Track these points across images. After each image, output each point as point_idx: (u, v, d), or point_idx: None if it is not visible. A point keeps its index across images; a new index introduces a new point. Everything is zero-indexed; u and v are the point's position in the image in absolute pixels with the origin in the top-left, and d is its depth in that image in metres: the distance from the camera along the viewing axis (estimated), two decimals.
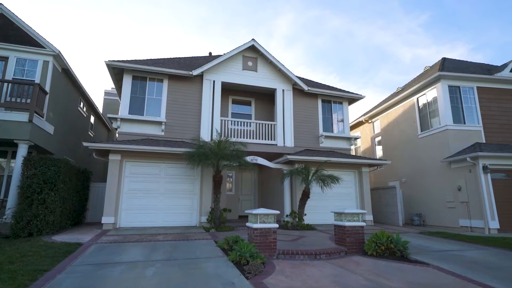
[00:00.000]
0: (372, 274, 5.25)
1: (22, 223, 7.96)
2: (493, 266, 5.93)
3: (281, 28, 65.45)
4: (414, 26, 63.13)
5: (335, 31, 62.37)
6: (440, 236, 9.40)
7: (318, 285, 4.60)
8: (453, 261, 6.24)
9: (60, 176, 8.60)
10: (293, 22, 62.39)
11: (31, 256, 5.81)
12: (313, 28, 63.98)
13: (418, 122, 13.82)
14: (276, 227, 6.60)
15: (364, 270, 5.52)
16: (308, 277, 5.01)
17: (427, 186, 13.13)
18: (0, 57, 10.53)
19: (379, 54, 67.62)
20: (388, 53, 66.40)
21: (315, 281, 4.80)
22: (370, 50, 67.10)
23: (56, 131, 11.70)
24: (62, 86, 12.13)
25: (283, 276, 5.01)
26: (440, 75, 12.37)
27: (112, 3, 66.37)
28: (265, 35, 70.96)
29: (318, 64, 71.85)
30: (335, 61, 69.95)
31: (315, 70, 73.51)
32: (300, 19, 61.21)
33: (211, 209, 10.30)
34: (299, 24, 63.32)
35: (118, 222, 9.88)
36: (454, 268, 5.60)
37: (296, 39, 66.88)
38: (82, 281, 4.56)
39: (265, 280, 4.77)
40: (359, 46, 65.82)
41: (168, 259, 5.90)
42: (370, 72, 70.38)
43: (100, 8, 68.40)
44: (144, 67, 11.70)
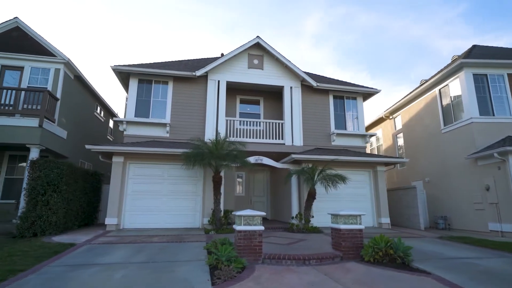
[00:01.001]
0: (357, 283, 4.69)
1: (27, 224, 8.30)
2: (508, 277, 5.07)
3: (309, 28, 64.14)
4: (452, 17, 58.95)
5: (365, 27, 59.97)
6: (461, 242, 8.39)
7: None
8: (462, 270, 5.44)
9: (63, 178, 8.87)
10: (321, 21, 60.90)
11: (18, 256, 5.95)
12: (341, 26, 62.01)
13: (441, 115, 12.62)
14: (262, 230, 6.21)
15: (351, 278, 4.96)
16: (283, 285, 4.58)
17: (452, 186, 11.92)
18: (17, 67, 11.21)
19: (413, 49, 63.97)
20: (424, 47, 62.55)
21: None
22: (404, 45, 63.67)
23: (70, 136, 12.19)
24: (75, 92, 12.65)
25: (255, 284, 4.62)
26: (462, 63, 11.17)
27: (141, 10, 69.35)
28: (293, 36, 69.99)
29: (348, 62, 69.45)
30: (365, 58, 67.26)
31: (345, 68, 71.18)
32: (328, 17, 59.63)
33: (212, 210, 10.09)
34: (327, 22, 61.69)
35: (121, 223, 10.01)
36: (458, 279, 4.85)
37: (324, 38, 65.17)
38: (47, 282, 4.52)
39: (232, 287, 4.42)
40: (391, 41, 62.71)
41: (147, 262, 5.75)
42: (404, 68, 66.81)
43: (127, 15, 71.74)
44: (149, 70, 11.85)
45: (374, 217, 11.79)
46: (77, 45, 72.15)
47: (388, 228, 11.37)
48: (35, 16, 67.95)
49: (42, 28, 66.10)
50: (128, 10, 67.75)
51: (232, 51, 12.63)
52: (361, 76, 67.65)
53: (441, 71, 12.59)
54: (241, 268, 5.38)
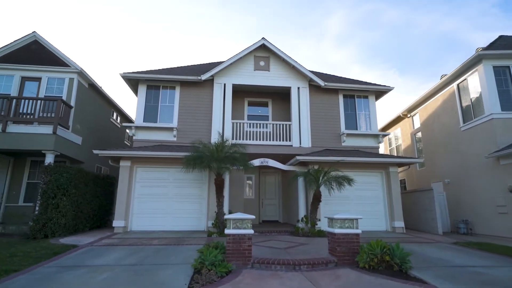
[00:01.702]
0: None
1: (39, 226, 8.74)
2: None
3: (332, 28, 62.80)
4: (487, 7, 55.41)
5: (392, 23, 57.81)
6: (477, 248, 7.73)
7: None
8: (463, 280, 4.99)
9: (72, 182, 9.27)
10: (345, 20, 59.44)
11: (19, 256, 6.24)
12: (367, 23, 60.19)
13: (460, 112, 11.78)
14: (251, 233, 6.07)
15: (336, 286, 4.70)
16: None
17: (473, 187, 11.07)
18: (35, 78, 11.91)
19: (445, 43, 60.88)
20: (456, 41, 59.35)
21: None
22: (435, 39, 60.73)
23: (85, 141, 12.73)
24: (89, 100, 13.23)
25: None
26: (480, 54, 10.37)
27: (160, 17, 71.74)
28: (316, 37, 68.92)
29: (375, 60, 67.18)
30: (393, 55, 64.77)
31: (371, 67, 68.92)
32: (352, 15, 58.13)
33: (215, 213, 10.07)
34: (351, 21, 60.09)
35: (129, 225, 10.27)
36: None
37: (349, 37, 63.47)
38: (34, 282, 4.69)
39: None
40: (421, 36, 60.02)
41: (135, 264, 5.82)
42: (435, 63, 63.69)
43: (147, 21, 74.44)
44: (157, 76, 12.14)
45: (387, 221, 11.21)
46: (96, 52, 75.75)
47: (402, 232, 10.76)
48: (50, 27, 72.31)
49: (57, 37, 70.05)
50: (148, 16, 70.30)
51: (237, 53, 12.63)
52: (389, 74, 65.30)
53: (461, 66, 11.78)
54: (225, 272, 5.29)
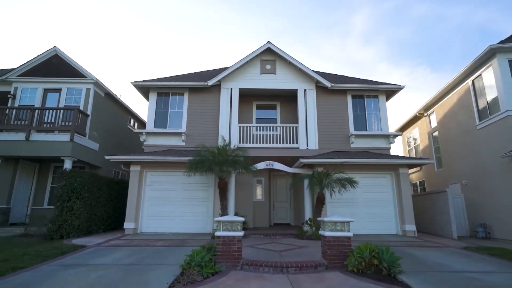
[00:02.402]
0: None
1: (55, 227, 9.38)
2: None
3: (357, 26, 61.26)
4: None
5: (420, 18, 55.48)
6: (487, 253, 7.30)
7: None
8: (454, 286, 4.78)
9: (85, 186, 9.87)
10: (371, 17, 57.76)
11: (30, 255, 6.76)
12: (393, 19, 58.15)
13: (475, 110, 11.17)
14: (241, 236, 6.18)
15: None
16: None
17: (491, 188, 10.43)
18: (56, 89, 12.83)
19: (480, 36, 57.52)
20: (493, 33, 55.86)
21: None
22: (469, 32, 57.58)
23: (102, 147, 13.49)
24: (106, 108, 14.00)
25: None
26: (493, 48, 9.79)
27: (175, 22, 73.86)
28: (340, 36, 67.61)
29: (404, 57, 64.72)
30: (423, 51, 62.12)
31: (399, 64, 66.48)
32: (378, 11, 56.41)
33: (219, 216, 10.25)
34: (377, 17, 58.29)
35: (139, 227, 10.73)
36: None
37: (375, 34, 61.59)
38: (33, 278, 5.11)
39: None
40: (453, 30, 57.13)
41: (130, 264, 6.13)
42: (471, 57, 60.34)
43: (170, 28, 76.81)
44: (166, 83, 12.63)
45: (398, 224, 10.85)
46: (114, 59, 79.02)
47: (413, 236, 10.36)
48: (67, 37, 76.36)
49: (74, 47, 73.52)
50: (163, 23, 72.55)
51: (243, 58, 12.82)
52: (419, 71, 62.70)
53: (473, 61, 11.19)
54: (212, 273, 5.44)
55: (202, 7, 59.47)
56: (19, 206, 12.37)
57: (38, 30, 73.37)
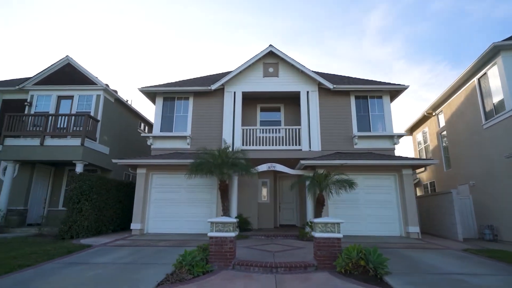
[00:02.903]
0: None
1: (66, 228, 9.90)
2: None
3: (373, 23, 60.11)
4: None
5: (440, 14, 53.92)
6: (486, 256, 7.13)
7: None
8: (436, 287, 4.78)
9: (93, 189, 10.35)
10: (388, 13, 56.55)
11: (38, 254, 7.21)
12: (411, 15, 56.67)
13: (481, 109, 10.88)
14: (232, 236, 6.37)
15: None
16: None
17: (498, 189, 10.12)
18: (68, 96, 13.49)
19: (502, 30, 55.35)
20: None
21: None
22: (492, 27, 55.48)
23: (113, 151, 14.05)
24: (116, 113, 14.58)
25: (196, 286, 4.85)
26: (497, 46, 9.52)
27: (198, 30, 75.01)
28: (355, 35, 66.66)
29: (423, 54, 63.03)
30: (444, 48, 60.29)
31: (419, 62, 64.80)
32: (396, 8, 55.22)
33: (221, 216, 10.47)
34: (395, 13, 56.97)
35: (146, 228, 11.13)
36: None
37: (393, 31, 60.20)
38: (36, 274, 5.49)
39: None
40: (475, 25, 55.25)
41: (128, 263, 6.44)
42: None
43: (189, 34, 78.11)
44: (171, 89, 13.02)
45: (401, 226, 10.72)
46: (128, 65, 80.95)
47: (416, 238, 10.21)
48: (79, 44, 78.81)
49: (87, 54, 75.83)
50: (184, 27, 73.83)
51: (245, 62, 13.03)
52: (439, 68, 60.98)
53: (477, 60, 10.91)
54: (202, 272, 5.65)
55: (216, 11, 60.29)
56: (36, 207, 13.08)
57: (51, 36, 76.60)
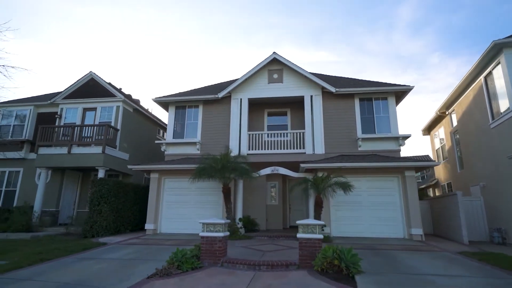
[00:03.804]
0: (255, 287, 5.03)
1: (88, 227, 11.05)
2: None
3: (403, 17, 57.97)
4: None
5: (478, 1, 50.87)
6: (478, 259, 7.05)
7: None
8: (399, 286, 5.02)
9: (111, 192, 11.44)
10: (419, 6, 54.35)
11: (60, 250, 8.26)
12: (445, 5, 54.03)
13: (488, 108, 10.55)
14: (221, 236, 6.94)
15: (267, 284, 5.28)
16: (198, 284, 5.30)
17: (506, 191, 9.79)
18: (92, 108, 14.86)
19: None
20: None
21: (194, 286, 5.09)
22: None
23: (133, 157, 15.22)
24: (134, 122, 15.77)
25: (178, 280, 5.49)
26: (497, 44, 9.26)
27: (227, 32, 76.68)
28: (385, 30, 64.72)
29: (458, 45, 59.83)
30: (482, 37, 57.02)
31: (454, 54, 61.63)
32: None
33: (225, 219, 11.10)
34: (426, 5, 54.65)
35: (158, 228, 12.05)
36: None
37: (424, 24, 57.73)
38: (52, 267, 6.44)
39: (155, 280, 5.43)
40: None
41: (130, 259, 7.26)
42: None
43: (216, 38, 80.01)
44: (182, 98, 13.93)
45: (405, 228, 10.70)
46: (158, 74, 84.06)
47: (419, 240, 10.14)
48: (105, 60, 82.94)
49: (114, 68, 79.67)
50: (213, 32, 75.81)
51: (251, 69, 13.59)
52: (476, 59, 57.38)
53: (480, 58, 10.62)
54: (191, 268, 6.30)
55: (241, 14, 61.47)
56: (66, 209, 14.55)
57: (77, 52, 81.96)
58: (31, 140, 14.83)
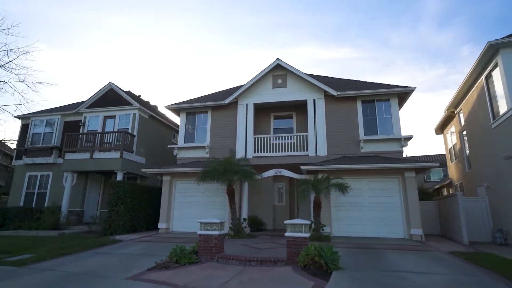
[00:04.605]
0: (243, 279, 5.63)
1: (107, 226, 12.14)
2: None
3: (429, 8, 55.93)
4: None
5: None
6: (464, 258, 7.22)
7: (178, 281, 5.60)
8: (376, 282, 5.43)
9: (127, 194, 12.48)
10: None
11: (80, 245, 9.28)
12: None
13: (489, 108, 10.46)
14: (217, 234, 7.60)
15: (249, 278, 5.88)
16: (187, 275, 5.99)
17: (507, 191, 9.72)
18: (111, 116, 16.10)
19: None
20: None
21: (185, 277, 5.78)
22: None
23: (149, 161, 16.32)
24: (150, 128, 16.87)
25: (172, 272, 6.20)
26: (492, 45, 9.22)
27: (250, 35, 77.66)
28: (411, 22, 62.72)
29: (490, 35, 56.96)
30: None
31: None
32: None
33: (230, 218, 11.78)
34: None
35: (170, 227, 12.97)
36: None
37: (453, 14, 55.39)
38: (70, 260, 7.40)
39: (153, 272, 6.19)
40: None
41: (138, 254, 8.12)
42: None
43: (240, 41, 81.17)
44: (192, 105, 14.79)
45: (405, 228, 10.86)
46: (187, 76, 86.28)
47: (419, 240, 10.28)
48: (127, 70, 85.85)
49: (136, 76, 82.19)
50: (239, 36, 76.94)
51: (256, 75, 14.19)
52: None
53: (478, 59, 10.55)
54: (188, 262, 7.01)
55: (261, 15, 62.07)
56: (90, 209, 15.88)
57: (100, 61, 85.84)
58: (59, 146, 16.31)
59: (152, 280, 5.67)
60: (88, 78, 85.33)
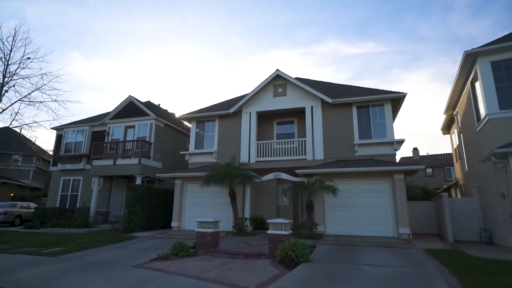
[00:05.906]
0: (224, 269, 6.83)
1: (126, 224, 13.82)
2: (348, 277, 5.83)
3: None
4: None
5: None
6: (431, 254, 7.90)
7: (172, 269, 6.89)
8: (330, 272, 6.42)
9: (144, 196, 14.09)
10: None
11: (102, 241, 10.91)
12: None
13: (474, 111, 10.86)
14: (211, 231, 8.86)
15: (230, 267, 7.05)
16: (180, 264, 7.28)
17: (488, 193, 10.14)
18: (131, 126, 17.92)
19: None
20: None
21: (178, 266, 7.07)
22: None
23: (165, 166, 17.96)
24: (166, 135, 18.52)
25: (170, 262, 7.52)
26: (468, 54, 9.67)
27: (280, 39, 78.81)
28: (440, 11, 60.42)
29: None
30: None
31: None
32: None
33: (233, 218, 13.00)
34: None
35: (182, 225, 14.45)
36: (298, 273, 6.13)
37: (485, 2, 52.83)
38: (91, 252, 8.96)
39: (154, 262, 7.54)
40: None
41: (147, 248, 9.55)
42: None
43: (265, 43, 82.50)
44: (201, 114, 16.21)
45: (394, 227, 11.52)
46: (207, 83, 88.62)
47: (406, 238, 10.94)
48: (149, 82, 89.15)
49: (158, 86, 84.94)
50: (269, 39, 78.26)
51: (258, 86, 15.32)
52: None
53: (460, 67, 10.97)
54: (186, 255, 8.32)
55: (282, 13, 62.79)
56: (115, 209, 17.80)
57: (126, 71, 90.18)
58: (88, 154, 18.39)
59: (151, 268, 7.02)
60: (117, 85, 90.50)
